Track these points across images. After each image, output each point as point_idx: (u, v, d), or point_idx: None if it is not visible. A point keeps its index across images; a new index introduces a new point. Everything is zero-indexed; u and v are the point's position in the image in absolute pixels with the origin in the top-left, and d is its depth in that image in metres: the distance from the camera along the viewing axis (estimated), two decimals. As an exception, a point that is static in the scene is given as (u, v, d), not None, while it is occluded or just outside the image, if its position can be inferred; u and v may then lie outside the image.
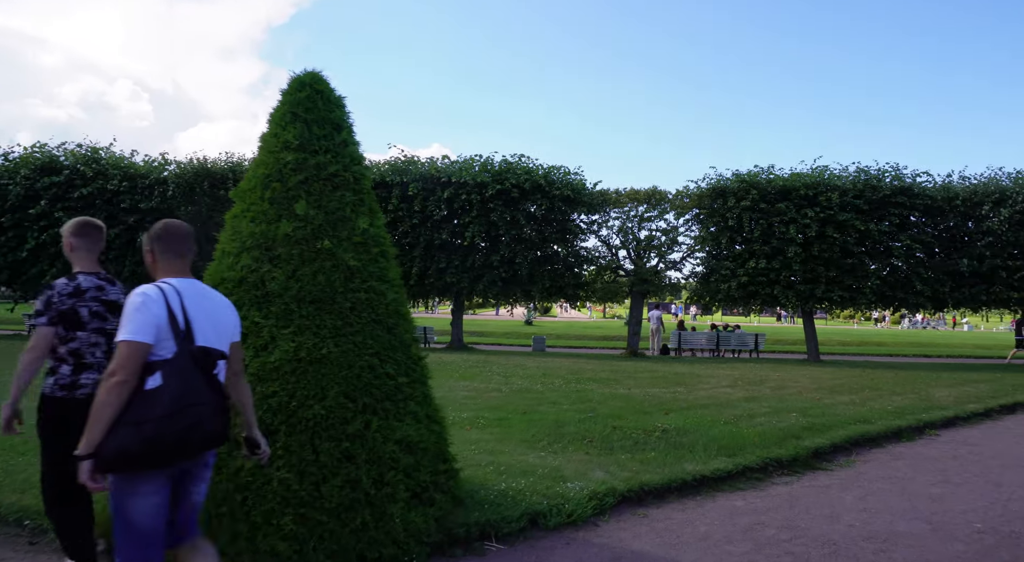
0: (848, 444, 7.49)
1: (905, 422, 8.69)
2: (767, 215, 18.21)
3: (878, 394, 11.56)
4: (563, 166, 19.36)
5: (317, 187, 4.13)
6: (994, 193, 17.97)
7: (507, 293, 19.57)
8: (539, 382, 12.20)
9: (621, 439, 7.08)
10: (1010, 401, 11.21)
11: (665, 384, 12.50)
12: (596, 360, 17.61)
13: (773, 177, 18.54)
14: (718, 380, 13.38)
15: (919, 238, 18.07)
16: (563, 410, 9.03)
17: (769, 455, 6.56)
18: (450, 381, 12.07)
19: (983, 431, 8.97)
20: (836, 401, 10.59)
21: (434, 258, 19.20)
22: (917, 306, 18.59)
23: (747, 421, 8.35)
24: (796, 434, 7.57)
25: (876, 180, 18.01)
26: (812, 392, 11.78)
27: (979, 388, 12.78)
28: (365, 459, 3.68)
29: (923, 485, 5.92)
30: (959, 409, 10.02)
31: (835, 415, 8.95)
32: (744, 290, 18.58)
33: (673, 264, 20.16)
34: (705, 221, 19.34)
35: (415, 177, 19.12)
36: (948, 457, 7.13)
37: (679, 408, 9.43)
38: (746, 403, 10.10)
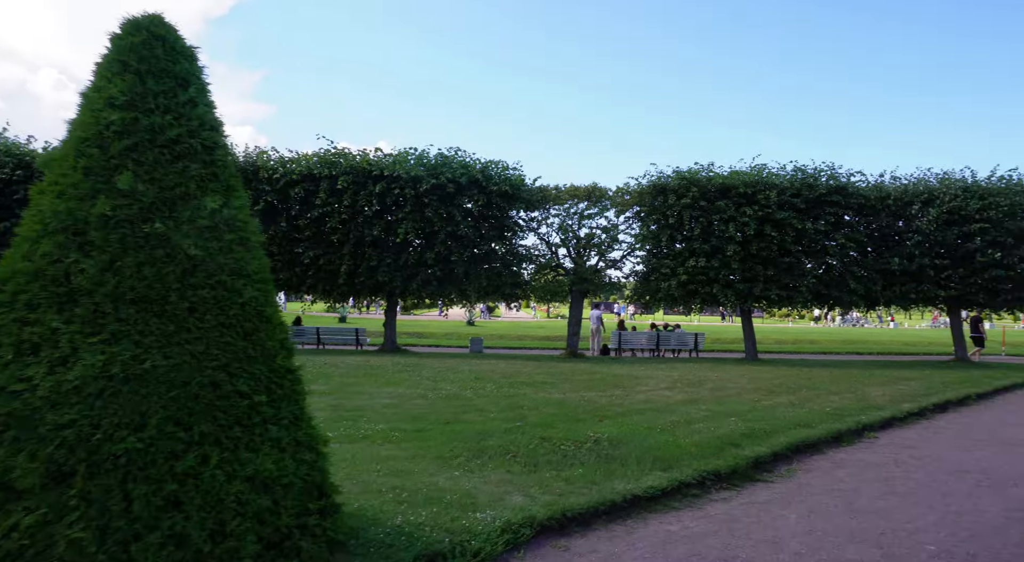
0: (789, 451, 7.05)
1: (844, 425, 8.37)
2: (707, 213, 18.02)
3: (816, 394, 11.34)
4: (501, 161, 18.73)
5: (150, 156, 3.26)
6: (923, 193, 18.31)
7: (442, 292, 18.74)
8: (470, 387, 11.44)
9: (548, 452, 6.41)
10: (941, 399, 11.17)
11: (603, 387, 11.95)
12: (535, 362, 16.98)
13: (713, 175, 18.38)
14: (657, 382, 12.95)
15: (853, 237, 18.25)
16: (490, 419, 8.31)
17: (707, 467, 6.01)
18: (373, 387, 11.18)
19: (919, 432, 8.76)
20: (775, 402, 10.27)
21: (365, 256, 18.18)
22: (851, 304, 18.79)
23: (685, 428, 7.83)
24: (735, 441, 7.08)
25: (813, 179, 18.08)
26: (751, 393, 11.46)
27: (911, 386, 12.78)
28: (199, 505, 2.85)
29: (869, 498, 5.47)
30: (895, 409, 9.83)
31: (775, 419, 8.56)
32: (684, 289, 18.34)
33: (613, 263, 19.78)
34: (645, 219, 19.02)
35: (345, 170, 18.06)
36: (890, 463, 6.77)
37: (614, 414, 8.86)
38: (684, 407, 9.63)
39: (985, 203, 17.61)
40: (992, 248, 17.59)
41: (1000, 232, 17.54)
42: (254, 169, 18.62)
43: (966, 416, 10.33)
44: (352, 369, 13.90)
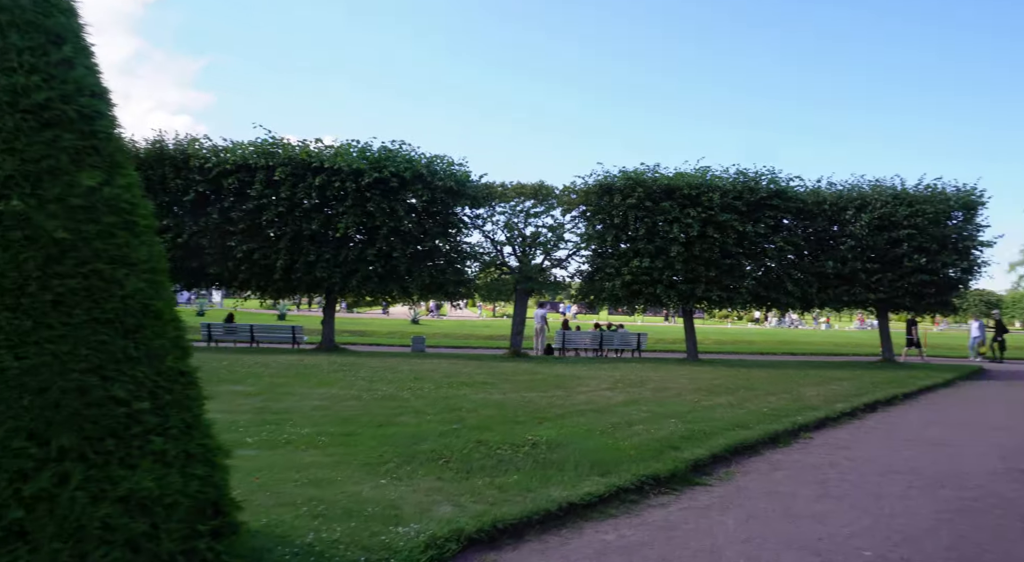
0: (727, 453, 6.98)
1: (781, 426, 8.39)
2: (652, 214, 18.10)
3: (754, 394, 11.44)
4: (447, 156, 18.32)
5: (10, 122, 2.79)
6: (856, 199, 18.92)
7: (383, 290, 18.18)
8: (407, 388, 11.04)
9: (483, 457, 6.11)
10: (871, 399, 11.45)
11: (544, 387, 11.75)
12: (477, 361, 16.67)
13: (658, 176, 18.49)
14: (599, 382, 12.85)
15: (791, 240, 18.70)
16: (425, 421, 7.95)
17: (646, 472, 5.84)
18: (305, 388, 10.64)
19: (852, 432, 8.88)
20: (715, 403, 10.28)
21: (303, 250, 17.45)
22: (788, 306, 19.26)
23: (625, 430, 7.68)
24: (675, 444, 6.95)
25: (754, 182, 18.42)
26: (691, 394, 11.48)
27: (843, 386, 13.09)
28: (52, 534, 2.42)
29: (805, 501, 5.40)
30: (829, 409, 9.98)
31: (714, 420, 8.52)
32: (628, 289, 18.38)
33: (559, 262, 19.67)
34: (591, 218, 18.98)
35: (283, 161, 17.29)
36: (825, 464, 6.77)
37: (554, 416, 8.64)
38: (625, 408, 9.51)
39: (913, 210, 18.33)
40: (918, 253, 18.32)
41: (926, 238, 18.29)
42: (184, 157, 17.63)
43: (894, 415, 10.60)
44: (284, 368, 13.27)
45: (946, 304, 19.26)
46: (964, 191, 18.78)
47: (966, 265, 18.91)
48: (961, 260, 18.77)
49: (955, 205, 18.56)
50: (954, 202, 18.53)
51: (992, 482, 6.21)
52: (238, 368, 13.15)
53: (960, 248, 18.68)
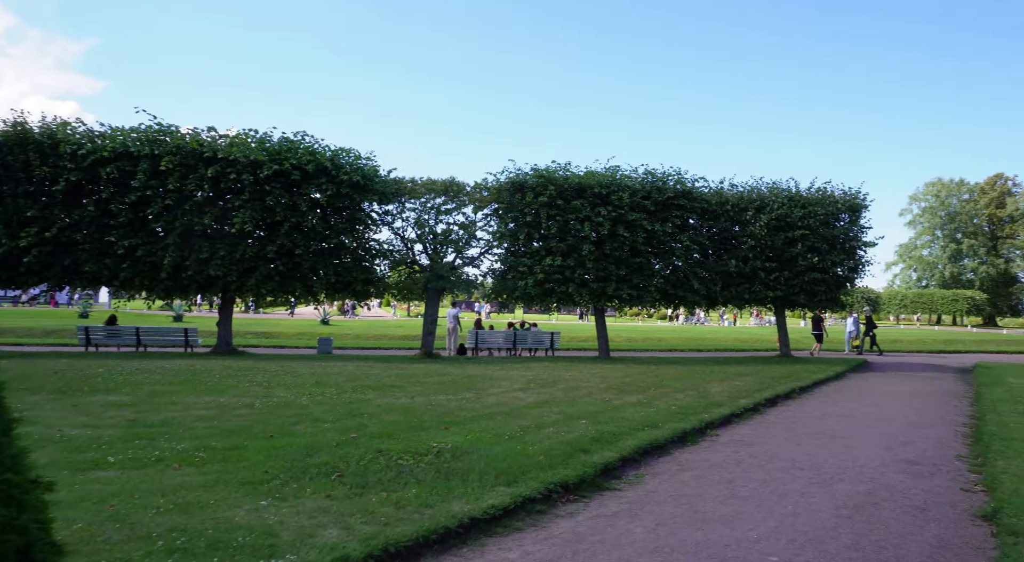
0: (637, 455, 6.86)
1: (689, 424, 8.42)
2: (563, 212, 18.10)
3: (663, 392, 11.55)
4: (353, 149, 17.49)
5: None
6: (756, 201, 19.76)
7: (285, 289, 17.14)
8: (308, 393, 10.33)
9: (382, 469, 5.66)
10: (772, 394, 11.85)
11: (454, 389, 11.35)
12: (386, 363, 16.03)
13: (570, 174, 18.52)
14: (511, 383, 12.60)
15: (696, 239, 19.26)
16: (323, 430, 7.37)
17: (555, 478, 5.58)
18: (191, 396, 9.71)
19: (755, 428, 9.06)
20: (625, 402, 10.25)
21: (194, 247, 16.14)
22: (694, 304, 19.85)
23: (534, 433, 7.42)
24: (585, 447, 6.76)
25: (662, 182, 18.82)
26: (603, 392, 11.44)
27: (746, 382, 13.51)
28: None
29: (713, 504, 5.31)
30: (733, 405, 10.19)
31: (624, 420, 8.43)
32: (540, 287, 18.31)
33: (471, 260, 19.32)
34: (503, 216, 18.76)
35: (171, 150, 15.91)
36: (731, 463, 6.78)
37: (463, 420, 8.27)
38: (536, 410, 9.28)
39: (806, 212, 19.34)
40: (811, 253, 19.34)
41: (817, 239, 19.35)
42: (53, 143, 15.85)
43: (792, 409, 10.97)
44: (170, 375, 12.14)
45: (835, 301, 20.46)
46: (850, 194, 20.02)
47: (852, 264, 20.17)
48: (848, 259, 20.00)
49: (842, 207, 19.75)
50: (841, 205, 19.71)
51: (883, 474, 6.40)
52: (116, 375, 11.91)
53: (847, 248, 19.90)
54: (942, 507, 5.36)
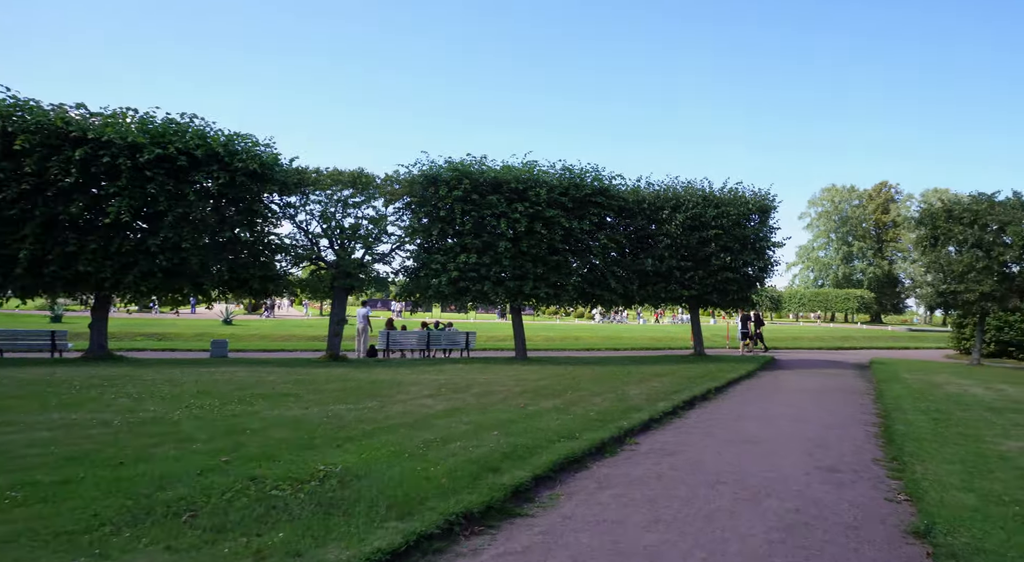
0: (553, 471, 6.20)
1: (608, 432, 7.88)
2: (479, 207, 17.36)
3: (580, 396, 11.03)
4: (251, 135, 15.96)
5: None
6: (672, 200, 19.77)
7: (170, 286, 15.38)
8: (184, 406, 9.04)
9: (250, 504, 4.70)
10: (689, 396, 11.60)
11: (356, 398, 10.36)
12: (287, 367, 14.72)
13: (486, 168, 17.79)
14: (420, 388, 11.72)
15: (614, 238, 19.02)
16: (189, 454, 6.25)
17: (458, 507, 4.81)
18: (33, 414, 8.20)
19: (675, 433, 8.66)
20: (541, 408, 9.63)
21: (58, 239, 14.16)
22: (611, 303, 19.63)
23: (440, 449, 6.62)
24: (495, 465, 6.03)
25: (579, 179, 18.44)
26: (517, 397, 10.79)
27: (663, 383, 13.26)
28: None
29: (635, 530, 4.71)
30: (652, 409, 9.79)
31: (539, 430, 7.77)
32: (454, 286, 17.48)
33: (381, 256, 18.20)
34: (416, 211, 17.78)
35: (28, 127, 13.88)
36: (653, 477, 6.24)
37: (360, 434, 7.35)
38: (445, 419, 8.48)
39: (719, 211, 19.54)
40: (724, 252, 19.56)
41: (730, 238, 19.60)
42: None
43: (710, 411, 10.73)
44: (17, 386, 10.43)
45: (746, 300, 20.84)
46: (760, 195, 20.43)
47: (762, 264, 20.59)
48: (758, 259, 20.39)
49: (753, 208, 20.11)
50: (752, 205, 20.06)
51: (808, 486, 6.06)
52: (-53, 389, 10.08)
53: (757, 248, 20.29)
54: (872, 523, 5.01)
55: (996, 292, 19.56)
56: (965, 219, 20.25)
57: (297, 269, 17.57)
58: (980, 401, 11.62)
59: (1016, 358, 24.28)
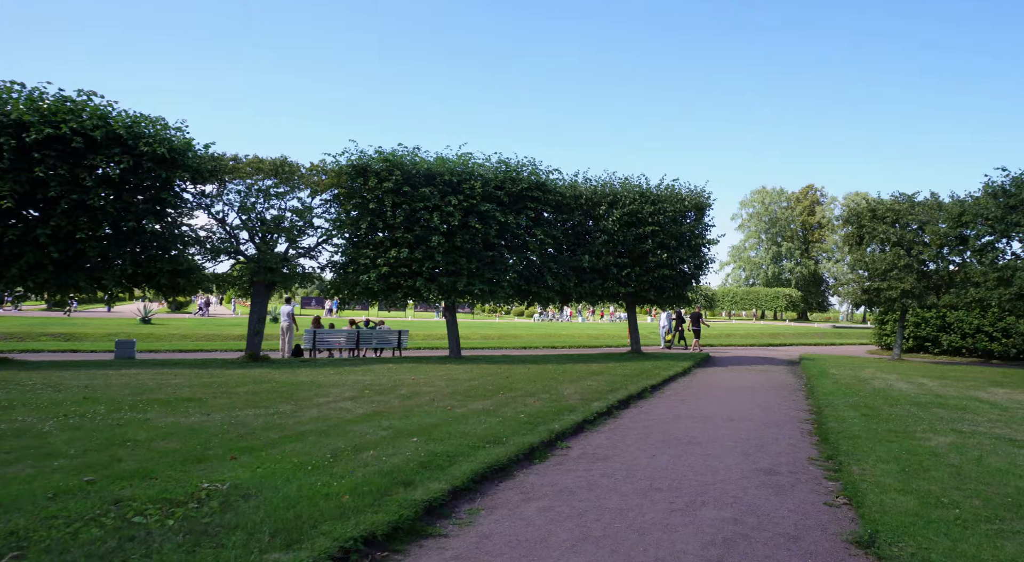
0: (474, 481, 5.62)
1: (538, 436, 7.36)
2: (411, 200, 16.58)
3: (513, 397, 10.50)
4: (160, 118, 14.64)
5: None
6: (609, 195, 19.52)
7: (62, 280, 13.89)
8: (62, 414, 7.97)
9: (102, 536, 3.90)
10: (624, 395, 11.25)
11: (269, 402, 9.48)
12: (199, 369, 13.56)
13: (418, 159, 17.03)
14: (342, 390, 10.92)
15: (551, 233, 18.59)
16: (46, 472, 5.34)
17: (357, 530, 4.16)
18: None
19: (608, 436, 8.22)
20: (469, 410, 9.03)
21: (-74, 226, 12.55)
22: (548, 300, 19.23)
23: (348, 460, 5.92)
24: (408, 477, 5.39)
25: (516, 172, 17.92)
26: (446, 399, 10.16)
27: (598, 382, 12.90)
28: None
29: (560, 551, 4.17)
30: (586, 410, 9.35)
31: (464, 435, 7.17)
32: (385, 282, 16.65)
33: (306, 251, 17.15)
34: (344, 203, 16.83)
35: None
36: (583, 487, 5.74)
37: (263, 444, 6.55)
38: (363, 425, 7.76)
39: (656, 208, 19.42)
40: (660, 249, 19.47)
41: (666, 235, 19.51)
42: None
43: (646, 410, 10.39)
44: None
45: (682, 297, 20.85)
46: (696, 192, 20.45)
47: (698, 261, 20.63)
48: (694, 256, 20.42)
49: (689, 206, 20.11)
50: (688, 202, 20.06)
51: (745, 491, 5.69)
52: None
53: (693, 245, 20.31)
54: (813, 532, 4.64)
55: (916, 289, 20.25)
56: (888, 218, 20.90)
57: (214, 264, 16.30)
58: (905, 396, 11.76)
59: (932, 353, 25.37)
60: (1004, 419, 9.42)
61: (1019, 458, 6.76)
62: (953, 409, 10.31)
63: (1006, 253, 18.07)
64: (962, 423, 8.95)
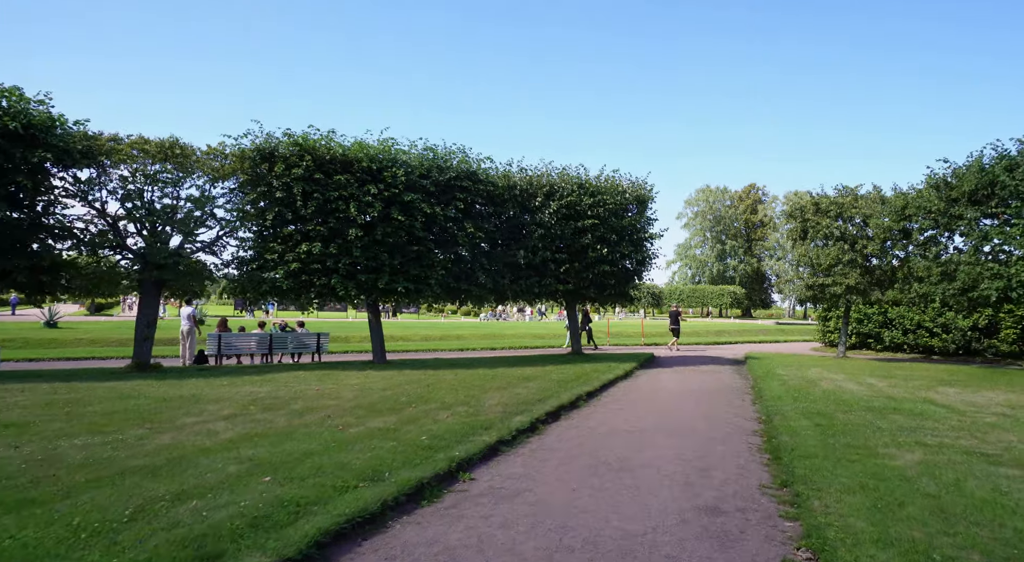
0: (319, 545, 4.12)
1: (433, 468, 5.90)
2: (324, 188, 14.85)
3: (424, 410, 9.02)
4: (16, 88, 12.47)
5: None
6: (545, 186, 18.21)
7: None
8: None
9: None
10: (555, 405, 9.92)
11: (119, 425, 7.71)
12: (62, 382, 11.52)
13: (333, 144, 15.30)
14: (223, 406, 9.20)
15: (483, 227, 17.12)
16: None
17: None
18: None
19: (525, 461, 6.85)
20: (364, 430, 7.52)
21: None
22: (481, 299, 17.76)
23: (152, 518, 4.33)
24: (218, 550, 3.84)
25: (444, 160, 16.39)
26: (344, 415, 8.61)
27: (529, 389, 11.54)
28: None
29: None
30: (505, 427, 7.95)
31: (339, 468, 5.66)
32: (295, 280, 14.87)
33: (205, 245, 15.20)
34: (248, 191, 14.96)
35: None
36: (471, 548, 4.32)
37: (54, 492, 4.90)
38: (218, 455, 6.15)
39: (595, 200, 18.23)
40: (600, 244, 18.30)
41: (607, 229, 18.34)
42: None
43: (577, 423, 9.09)
44: None
45: (624, 295, 19.76)
46: (638, 184, 19.37)
47: (640, 257, 19.56)
48: (636, 252, 19.33)
49: (631, 198, 19.00)
50: (630, 195, 18.94)
51: (683, 547, 4.39)
52: None
53: (635, 240, 19.21)
54: (774, 617, 3.35)
55: (860, 285, 19.73)
56: (831, 212, 20.34)
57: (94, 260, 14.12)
58: (857, 399, 10.84)
59: (874, 349, 25.15)
60: (965, 426, 8.51)
61: (1001, 482, 5.71)
62: (910, 415, 9.39)
63: (948, 248, 17.64)
64: (924, 433, 7.96)
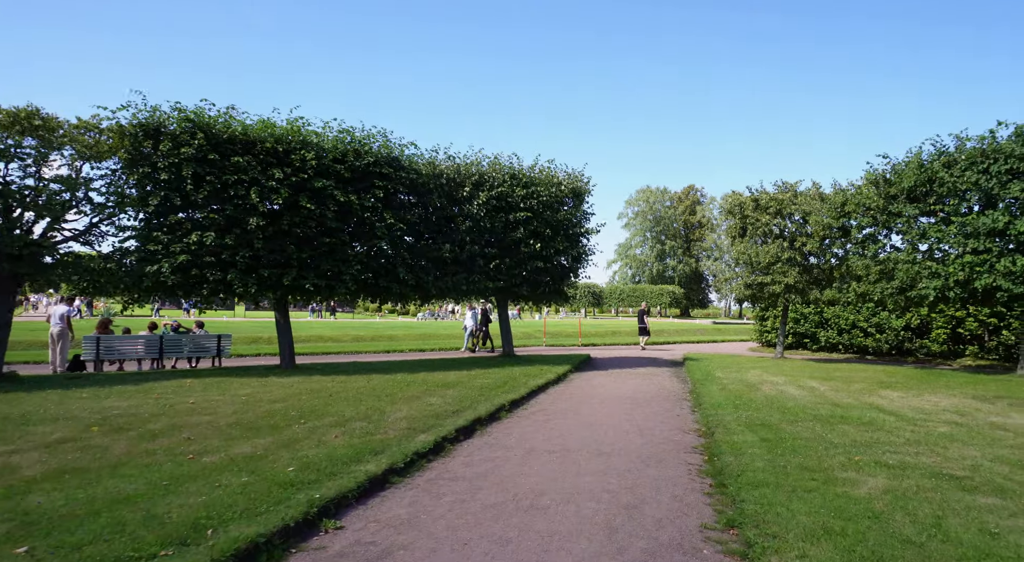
0: None
1: (283, 516, 4.46)
2: (220, 171, 13.06)
3: (310, 429, 7.54)
4: None
5: None
6: (474, 175, 16.86)
7: None
8: None
9: None
10: (470, 418, 8.62)
11: None
12: None
13: (233, 121, 13.51)
14: (54, 428, 7.47)
15: (403, 218, 15.57)
16: None
17: None
18: None
19: (416, 496, 5.51)
20: (221, 458, 6.00)
21: None
22: (402, 297, 16.22)
23: None
24: None
25: (362, 144, 14.80)
26: (211, 436, 7.05)
27: (445, 398, 10.19)
28: None
29: None
30: (399, 451, 6.57)
31: (148, 522, 4.16)
32: (184, 274, 13.02)
33: (78, 234, 13.16)
34: (129, 172, 13.01)
35: None
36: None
37: None
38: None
39: (529, 192, 17.02)
40: (534, 238, 17.12)
41: (541, 223, 17.18)
42: None
43: (491, 441, 7.80)
44: None
45: (559, 293, 18.65)
46: (574, 175, 18.29)
47: (576, 253, 18.49)
48: (572, 247, 18.25)
49: (566, 190, 17.89)
50: (565, 187, 17.83)
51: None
52: None
53: (571, 234, 18.13)
54: None
55: (799, 284, 19.27)
56: (771, 209, 19.82)
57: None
58: (802, 407, 9.98)
59: (810, 349, 24.98)
60: (921, 440, 7.67)
61: (986, 518, 4.73)
62: (859, 425, 8.54)
63: (886, 246, 17.30)
64: (881, 449, 7.04)
